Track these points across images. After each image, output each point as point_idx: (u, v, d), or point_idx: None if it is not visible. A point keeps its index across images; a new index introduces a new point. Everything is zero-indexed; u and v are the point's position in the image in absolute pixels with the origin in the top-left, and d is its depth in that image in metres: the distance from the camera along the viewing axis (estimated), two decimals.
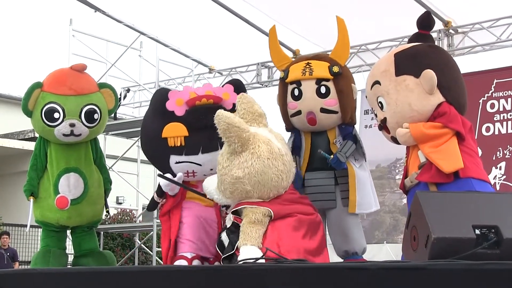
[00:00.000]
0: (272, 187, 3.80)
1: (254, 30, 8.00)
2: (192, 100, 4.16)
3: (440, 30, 7.49)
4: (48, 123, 4.69)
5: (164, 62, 9.08)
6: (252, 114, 3.97)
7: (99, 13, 8.23)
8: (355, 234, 4.29)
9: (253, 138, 3.78)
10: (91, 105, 4.78)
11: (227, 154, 3.83)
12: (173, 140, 4.15)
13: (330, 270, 2.61)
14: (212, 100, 4.18)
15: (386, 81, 3.84)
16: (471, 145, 3.76)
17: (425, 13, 4.14)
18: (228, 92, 4.28)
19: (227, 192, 3.85)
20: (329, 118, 4.26)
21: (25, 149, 14.69)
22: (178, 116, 4.17)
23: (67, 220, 4.80)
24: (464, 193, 3.24)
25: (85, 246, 4.98)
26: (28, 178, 4.82)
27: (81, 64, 5.01)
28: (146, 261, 13.07)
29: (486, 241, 2.61)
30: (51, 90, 4.73)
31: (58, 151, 4.79)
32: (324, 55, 4.44)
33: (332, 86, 4.22)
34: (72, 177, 4.76)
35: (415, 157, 3.83)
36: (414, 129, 3.75)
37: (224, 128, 3.70)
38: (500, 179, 7.31)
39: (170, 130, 4.16)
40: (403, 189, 3.98)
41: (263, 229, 3.72)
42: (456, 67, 3.93)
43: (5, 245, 11.78)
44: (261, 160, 3.75)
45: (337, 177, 4.27)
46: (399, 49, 4.00)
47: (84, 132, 4.75)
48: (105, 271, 3.56)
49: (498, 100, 7.46)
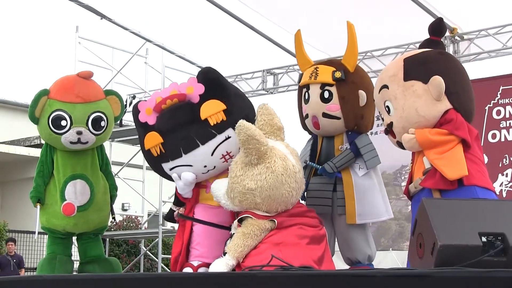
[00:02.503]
0: (281, 202, 3.82)
1: (259, 37, 8.01)
2: (158, 106, 4.16)
3: (446, 37, 7.48)
4: (55, 131, 4.69)
5: (169, 69, 9.09)
6: (272, 126, 3.99)
7: (105, 20, 8.26)
8: (357, 243, 4.27)
9: (270, 152, 3.80)
10: (98, 112, 4.79)
11: (241, 164, 3.86)
12: (154, 149, 4.17)
13: (336, 277, 2.60)
14: (177, 99, 4.15)
15: (394, 86, 3.83)
16: (477, 153, 3.75)
17: (437, 20, 4.14)
18: (191, 85, 4.21)
19: (236, 200, 3.86)
20: (332, 123, 4.26)
21: (31, 156, 14.73)
22: (151, 125, 4.18)
23: (73, 227, 4.80)
24: (470, 200, 3.23)
25: (91, 253, 4.98)
26: (34, 185, 4.82)
27: (87, 71, 5.02)
28: (152, 267, 13.06)
29: (493, 248, 2.60)
30: (58, 98, 4.74)
31: (65, 158, 4.80)
32: (336, 60, 4.43)
33: (334, 92, 4.22)
34: (79, 184, 4.77)
35: (420, 163, 3.82)
36: (419, 135, 3.74)
37: (244, 140, 3.74)
38: (506, 186, 7.28)
39: (148, 141, 4.18)
40: (408, 194, 3.97)
41: (253, 243, 3.74)
42: (465, 74, 3.92)
43: (11, 252, 11.79)
44: (275, 175, 3.77)
45: (337, 184, 4.27)
46: (408, 54, 3.99)
47: (91, 139, 4.76)
48: (111, 277, 3.56)
49: (504, 107, 7.45)
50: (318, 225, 3.95)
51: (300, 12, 7.28)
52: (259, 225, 3.77)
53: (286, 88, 9.01)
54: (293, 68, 8.66)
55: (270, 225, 3.80)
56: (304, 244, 3.76)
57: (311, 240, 3.81)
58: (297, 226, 3.82)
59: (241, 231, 3.77)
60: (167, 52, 8.89)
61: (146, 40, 8.77)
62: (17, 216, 15.28)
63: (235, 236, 3.80)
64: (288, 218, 3.83)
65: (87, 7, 8.04)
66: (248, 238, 3.73)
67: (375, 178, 4.34)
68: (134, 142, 9.57)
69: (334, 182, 4.27)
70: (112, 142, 9.28)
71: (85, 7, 8.03)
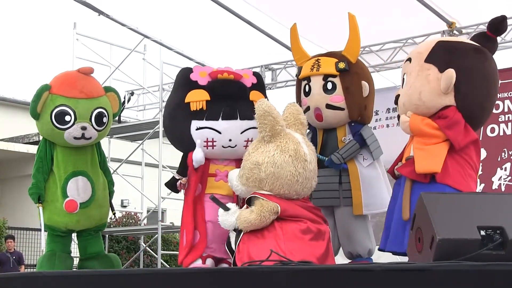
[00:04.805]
0: (284, 183, 3.83)
1: (257, 32, 8.00)
2: (215, 73, 4.39)
3: (444, 31, 7.47)
4: (59, 126, 4.66)
5: (168, 65, 9.08)
6: (295, 119, 4.06)
7: (103, 16, 8.24)
8: (359, 236, 4.28)
9: (284, 134, 3.88)
10: (101, 108, 4.78)
11: (256, 142, 3.96)
12: (195, 104, 4.29)
13: (335, 272, 2.60)
14: (233, 76, 4.41)
15: (415, 62, 3.85)
16: (469, 156, 3.71)
17: (499, 16, 3.97)
18: (248, 73, 4.54)
19: (244, 178, 3.92)
20: (335, 114, 4.26)
21: (29, 153, 14.69)
22: (201, 84, 4.36)
23: (76, 223, 4.78)
24: (469, 194, 3.24)
25: (91, 250, 4.97)
26: (34, 181, 4.78)
27: (88, 67, 5.02)
28: (151, 264, 13.07)
29: (491, 242, 2.61)
30: (62, 93, 4.71)
31: (65, 155, 4.77)
32: (337, 52, 4.43)
33: (338, 82, 4.22)
34: (81, 180, 4.75)
35: (409, 147, 3.84)
36: (413, 121, 3.76)
37: (261, 114, 3.84)
38: (505, 180, 7.28)
39: (193, 95, 4.33)
40: (392, 173, 3.96)
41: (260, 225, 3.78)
42: (490, 80, 3.81)
43: (10, 249, 11.79)
44: (284, 155, 3.83)
45: (342, 176, 4.27)
46: (446, 39, 3.98)
47: (94, 135, 4.75)
48: (110, 273, 3.56)
49: (503, 101, 7.43)
50: (322, 222, 3.96)
51: (298, 7, 7.26)
52: (268, 207, 3.79)
53: (284, 83, 8.99)
54: (291, 63, 8.64)
55: (276, 209, 3.81)
56: (307, 240, 3.77)
57: (314, 236, 3.82)
58: (302, 221, 3.83)
59: (255, 210, 3.80)
60: (165, 48, 8.86)
61: (144, 36, 8.76)
62: (16, 213, 15.28)
63: (249, 210, 3.82)
64: (293, 207, 3.84)
65: (84, 3, 8.03)
66: (257, 219, 3.78)
67: (379, 169, 4.36)
68: (133, 138, 9.57)
69: (339, 174, 4.27)
70: (111, 138, 9.26)
71: (82, 3, 8.02)
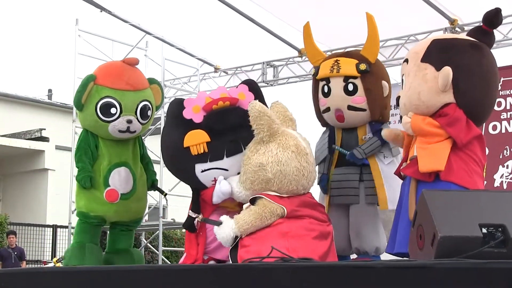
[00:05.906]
0: (292, 180, 3.84)
1: (259, 29, 7.98)
2: (209, 105, 4.10)
3: (446, 28, 7.45)
4: (104, 118, 4.57)
5: (169, 62, 9.07)
6: (284, 116, 4.09)
7: (105, 13, 8.23)
8: (369, 232, 4.28)
9: (281, 132, 3.89)
10: (146, 101, 4.68)
11: (253, 144, 3.92)
12: (195, 148, 4.04)
13: (337, 269, 2.60)
14: (229, 102, 4.13)
15: (411, 63, 3.84)
16: (473, 152, 3.69)
17: (494, 9, 3.92)
18: (243, 92, 4.25)
19: (248, 182, 3.88)
20: (357, 115, 4.28)
21: (32, 149, 14.71)
22: (196, 123, 4.09)
23: (113, 214, 4.70)
24: (470, 191, 3.23)
25: (119, 245, 4.92)
26: (80, 166, 4.62)
27: (134, 58, 4.87)
28: (152, 260, 13.08)
29: (493, 240, 2.60)
30: (108, 84, 4.60)
31: (109, 146, 4.69)
32: (355, 52, 4.44)
33: (359, 84, 4.23)
34: (123, 171, 4.68)
35: (413, 147, 3.84)
36: (414, 121, 3.76)
37: (256, 116, 3.80)
38: (507, 177, 7.27)
39: (191, 138, 4.06)
40: (399, 174, 3.96)
41: (261, 225, 3.77)
42: (489, 76, 3.78)
43: (12, 245, 11.81)
44: (286, 152, 3.84)
45: (363, 174, 4.27)
46: (440, 37, 3.96)
47: (138, 129, 4.66)
48: (110, 270, 3.56)
49: (505, 98, 7.42)
50: (326, 221, 3.96)
51: (300, 4, 7.24)
52: (271, 208, 3.78)
53: (286, 80, 8.98)
54: (293, 60, 8.64)
55: (281, 211, 3.80)
56: (311, 238, 3.78)
57: (318, 234, 3.82)
58: (307, 219, 3.83)
59: (254, 209, 3.79)
60: (167, 44, 8.86)
61: (146, 33, 8.75)
62: (18, 208, 15.31)
63: (246, 211, 3.81)
64: (299, 208, 3.84)
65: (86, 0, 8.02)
66: (257, 219, 3.76)
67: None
68: None
69: (360, 172, 4.28)
70: None
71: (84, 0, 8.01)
